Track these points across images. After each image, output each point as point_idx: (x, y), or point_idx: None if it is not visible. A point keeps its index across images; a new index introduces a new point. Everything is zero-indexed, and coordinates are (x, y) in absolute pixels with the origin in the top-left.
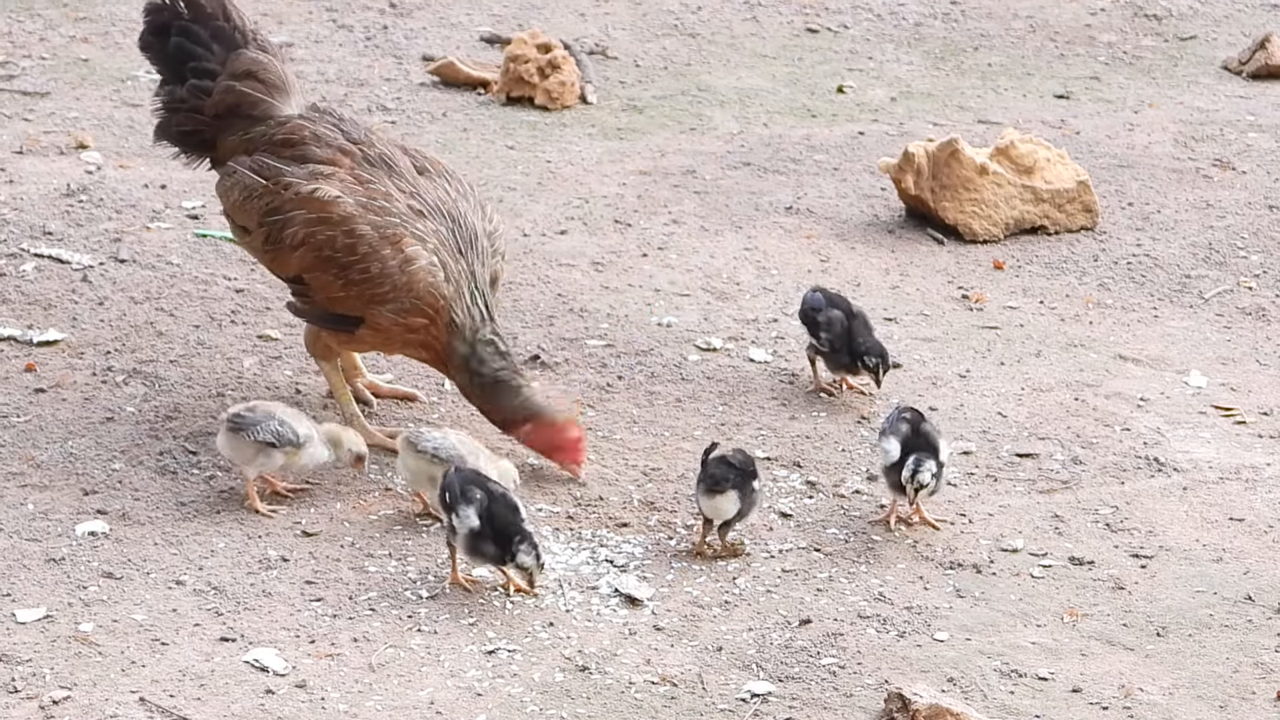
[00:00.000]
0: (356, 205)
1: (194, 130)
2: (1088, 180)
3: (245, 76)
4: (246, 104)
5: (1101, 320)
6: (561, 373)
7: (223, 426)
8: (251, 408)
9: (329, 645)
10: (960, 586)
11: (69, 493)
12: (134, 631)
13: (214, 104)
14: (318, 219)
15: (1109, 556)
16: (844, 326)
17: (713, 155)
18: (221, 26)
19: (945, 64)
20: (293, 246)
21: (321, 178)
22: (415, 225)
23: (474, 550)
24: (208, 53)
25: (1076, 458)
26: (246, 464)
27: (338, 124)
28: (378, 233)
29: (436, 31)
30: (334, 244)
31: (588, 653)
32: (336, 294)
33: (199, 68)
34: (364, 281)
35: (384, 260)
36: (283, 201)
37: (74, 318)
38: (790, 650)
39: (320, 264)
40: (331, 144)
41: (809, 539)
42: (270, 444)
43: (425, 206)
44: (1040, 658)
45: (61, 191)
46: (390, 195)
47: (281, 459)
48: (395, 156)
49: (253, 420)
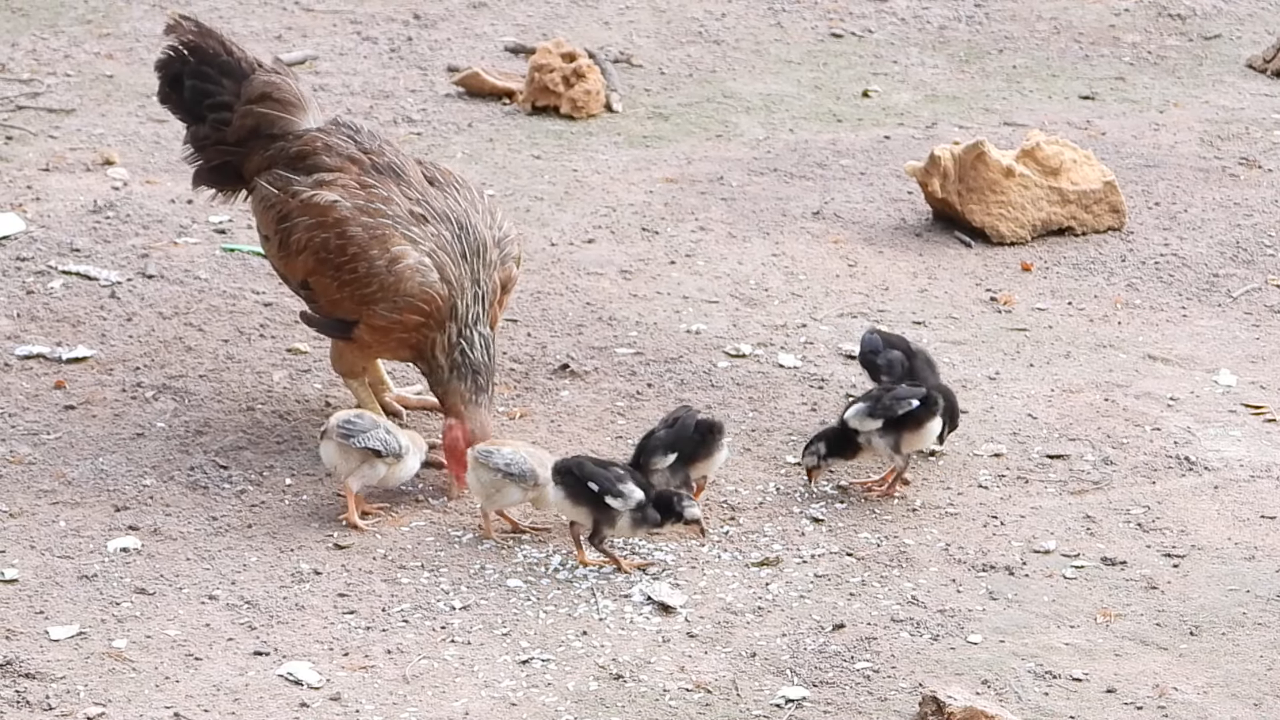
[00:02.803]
0: (353, 208)
1: (222, 163)
2: (1114, 181)
3: (262, 99)
4: (265, 124)
5: (1130, 320)
6: (591, 381)
7: (330, 434)
8: (360, 414)
9: (363, 657)
10: (993, 588)
11: (100, 509)
12: (167, 647)
13: (235, 130)
14: (316, 223)
15: (1141, 556)
16: (905, 367)
17: (739, 162)
18: (226, 61)
19: (970, 67)
20: (297, 251)
21: (324, 185)
22: (410, 228)
23: (640, 520)
24: (219, 88)
25: (1107, 458)
26: (351, 473)
27: (353, 135)
28: (368, 234)
29: (461, 42)
30: (328, 246)
31: (622, 661)
32: (334, 296)
33: (215, 102)
34: (354, 282)
35: (371, 260)
36: (290, 209)
37: (103, 334)
38: (824, 655)
39: (319, 267)
40: (342, 153)
41: (841, 544)
42: (377, 453)
43: (430, 212)
44: (1074, 659)
45: (88, 208)
46: (390, 200)
47: (384, 470)
48: (405, 165)
49: (361, 428)
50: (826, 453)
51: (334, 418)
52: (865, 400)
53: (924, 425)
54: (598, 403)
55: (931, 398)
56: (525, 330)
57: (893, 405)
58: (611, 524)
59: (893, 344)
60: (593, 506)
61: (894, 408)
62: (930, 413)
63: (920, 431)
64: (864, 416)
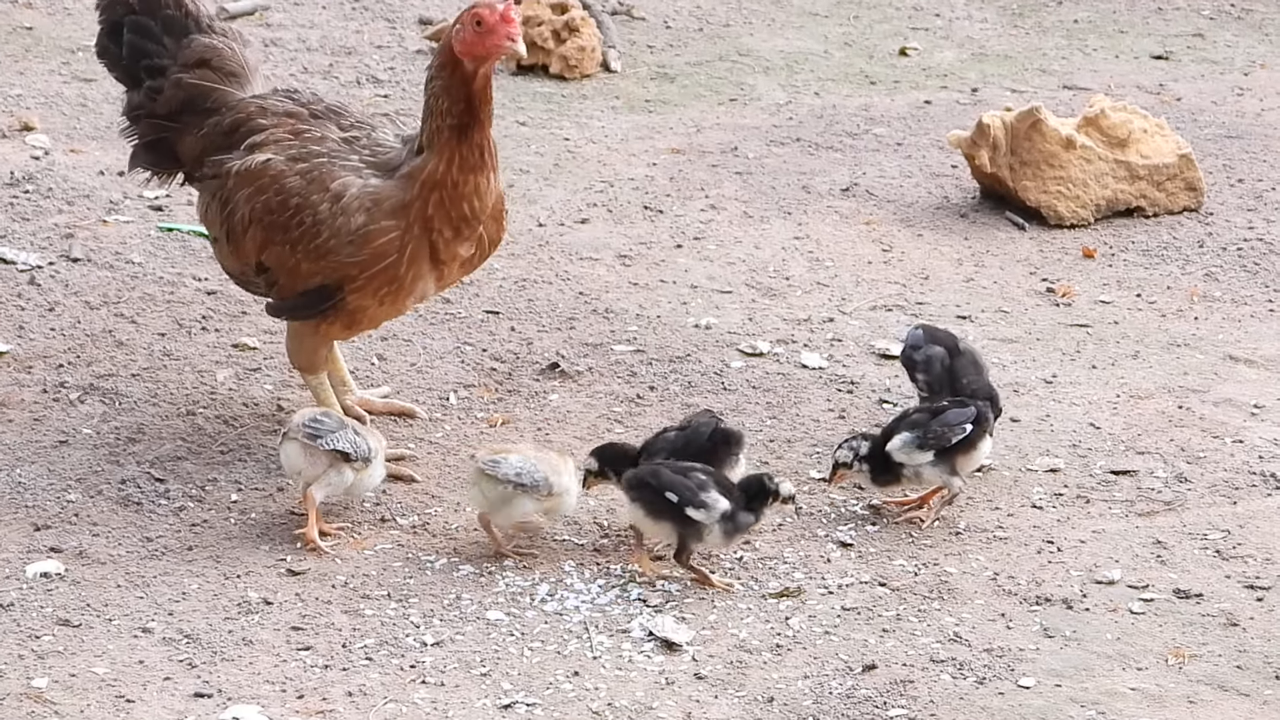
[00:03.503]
0: (286, 160)
1: (156, 139)
2: (1190, 154)
3: (198, 66)
4: (200, 96)
5: (1208, 315)
6: (584, 383)
7: (294, 434)
8: (326, 413)
9: (320, 700)
10: (1048, 625)
11: (17, 528)
12: (94, 687)
13: (166, 101)
14: (255, 189)
15: (1220, 588)
16: (944, 366)
17: (756, 130)
18: (172, 15)
19: (1024, 20)
20: (244, 230)
21: (256, 147)
22: (345, 158)
23: (733, 530)
24: (159, 47)
25: (1181, 475)
26: (316, 480)
27: (290, 95)
28: (304, 180)
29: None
30: (270, 207)
31: (619, 706)
32: (290, 263)
33: (151, 65)
34: (303, 236)
35: (314, 206)
36: (229, 189)
37: (20, 326)
38: (852, 701)
39: (268, 236)
40: (277, 111)
41: (873, 572)
42: (346, 456)
43: (365, 135)
44: (1142, 706)
45: (3, 180)
46: (325, 138)
47: (351, 476)
48: (347, 105)
49: (329, 428)
50: (866, 457)
51: (297, 416)
52: (910, 429)
53: (977, 445)
54: (592, 408)
55: (982, 415)
56: (509, 324)
57: (944, 434)
58: (699, 538)
59: (938, 340)
60: (675, 520)
61: (946, 435)
62: (982, 430)
63: (974, 453)
64: (912, 449)
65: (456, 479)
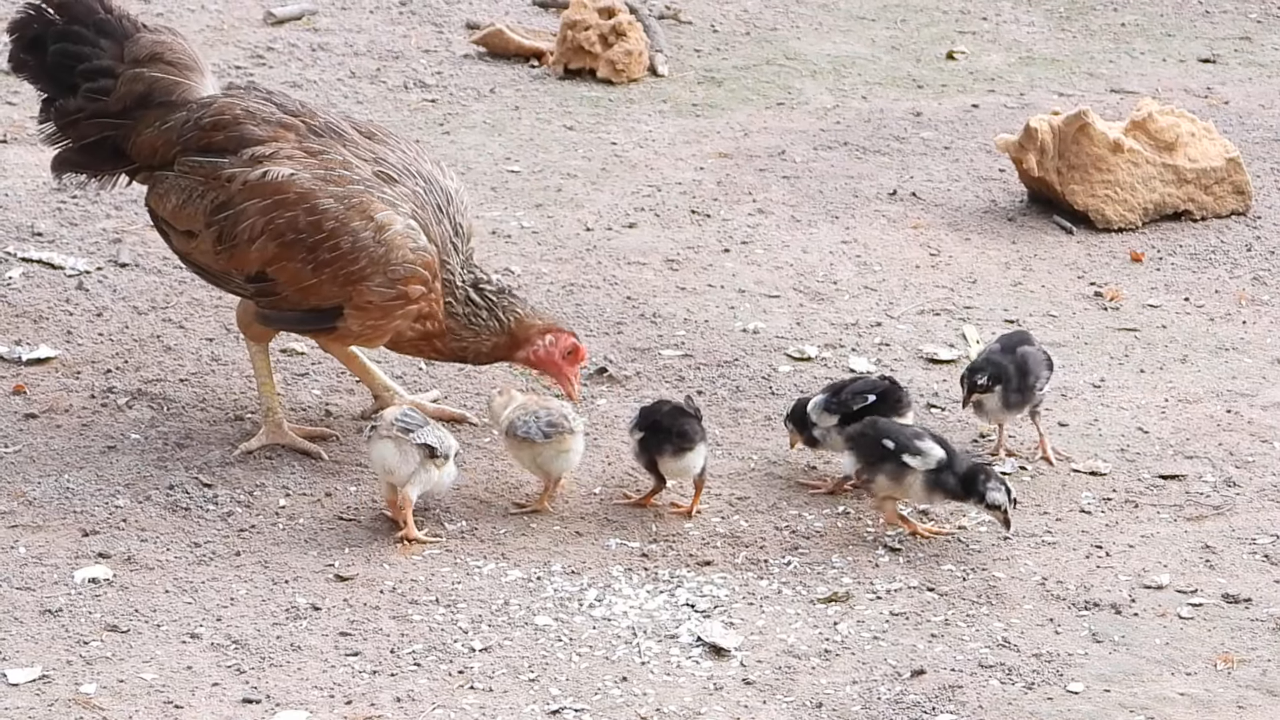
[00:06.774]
0: (314, 180)
1: (101, 139)
2: (1239, 158)
3: (151, 61)
4: (159, 90)
5: (1257, 319)
6: (632, 387)
7: (386, 432)
8: (411, 410)
9: (368, 706)
10: (1097, 630)
11: (66, 534)
12: (143, 693)
13: (120, 97)
14: (274, 203)
15: (1269, 593)
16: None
17: (803, 134)
18: (105, 19)
19: (1072, 24)
20: (250, 240)
21: (266, 159)
22: (384, 190)
23: (934, 485)
24: (96, 50)
25: (1230, 479)
26: (407, 478)
27: (268, 98)
28: (342, 205)
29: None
30: (296, 225)
31: (667, 711)
32: (308, 281)
33: (91, 68)
34: (336, 260)
35: (355, 233)
36: (231, 195)
37: (68, 331)
38: (901, 706)
39: (285, 252)
40: (270, 119)
41: (921, 577)
42: (432, 451)
43: (392, 170)
44: (1190, 711)
45: (51, 186)
46: (349, 163)
47: (435, 475)
48: (341, 124)
49: (419, 422)
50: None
51: (387, 413)
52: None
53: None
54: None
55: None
56: None
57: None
58: (899, 482)
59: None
60: (892, 466)
61: (848, 403)
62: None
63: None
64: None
65: (505, 485)
